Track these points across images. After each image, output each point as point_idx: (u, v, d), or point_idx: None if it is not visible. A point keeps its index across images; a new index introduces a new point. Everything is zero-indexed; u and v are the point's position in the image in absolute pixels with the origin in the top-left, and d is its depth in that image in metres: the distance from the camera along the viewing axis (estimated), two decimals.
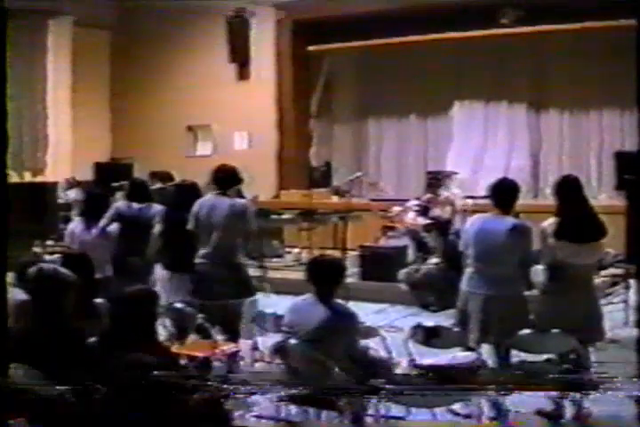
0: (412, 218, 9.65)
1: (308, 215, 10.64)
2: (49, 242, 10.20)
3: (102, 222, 7.08)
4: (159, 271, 6.76)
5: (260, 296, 6.65)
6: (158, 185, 9.67)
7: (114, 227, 7.13)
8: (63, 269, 4.31)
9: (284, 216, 10.94)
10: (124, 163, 13.45)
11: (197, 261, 6.21)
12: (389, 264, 9.20)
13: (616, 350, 5.97)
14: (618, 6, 9.18)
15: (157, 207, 7.14)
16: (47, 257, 8.52)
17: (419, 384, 4.11)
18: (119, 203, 7.52)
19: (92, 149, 13.94)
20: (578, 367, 4.83)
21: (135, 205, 7.25)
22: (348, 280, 6.18)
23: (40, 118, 13.56)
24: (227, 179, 6.25)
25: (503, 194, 5.43)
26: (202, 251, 6.16)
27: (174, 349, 4.86)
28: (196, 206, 6.23)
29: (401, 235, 9.95)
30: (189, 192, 6.67)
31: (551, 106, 13.06)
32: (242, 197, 6.83)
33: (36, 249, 9.36)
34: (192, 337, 5.82)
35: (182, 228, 6.31)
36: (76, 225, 7.31)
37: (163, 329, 5.35)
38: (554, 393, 4.76)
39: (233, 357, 5.53)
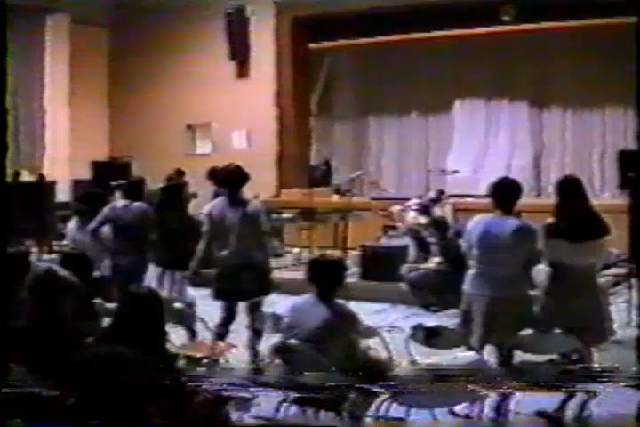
0: (413, 217, 9.60)
1: (309, 214, 10.61)
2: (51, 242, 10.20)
3: (92, 224, 7.09)
4: (152, 268, 6.82)
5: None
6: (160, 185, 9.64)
7: (106, 228, 7.13)
8: (62, 270, 4.28)
9: (284, 215, 10.90)
10: (122, 162, 13.40)
11: (220, 262, 6.26)
12: (390, 264, 9.13)
13: (619, 351, 5.92)
14: (620, 4, 9.16)
15: (140, 206, 7.13)
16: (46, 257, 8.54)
17: (419, 385, 4.08)
18: (112, 204, 7.49)
19: (90, 147, 13.90)
20: (580, 368, 4.78)
21: (119, 205, 7.22)
22: (349, 280, 6.16)
23: (37, 117, 13.52)
24: (234, 180, 6.29)
25: (504, 194, 5.30)
26: (222, 253, 6.20)
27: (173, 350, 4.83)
28: (207, 209, 6.31)
29: (402, 234, 9.90)
30: (173, 192, 7.05)
31: (553, 104, 13.02)
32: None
33: (34, 249, 9.33)
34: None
35: (170, 226, 6.68)
36: (73, 225, 7.32)
37: None
38: (555, 394, 4.74)
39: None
